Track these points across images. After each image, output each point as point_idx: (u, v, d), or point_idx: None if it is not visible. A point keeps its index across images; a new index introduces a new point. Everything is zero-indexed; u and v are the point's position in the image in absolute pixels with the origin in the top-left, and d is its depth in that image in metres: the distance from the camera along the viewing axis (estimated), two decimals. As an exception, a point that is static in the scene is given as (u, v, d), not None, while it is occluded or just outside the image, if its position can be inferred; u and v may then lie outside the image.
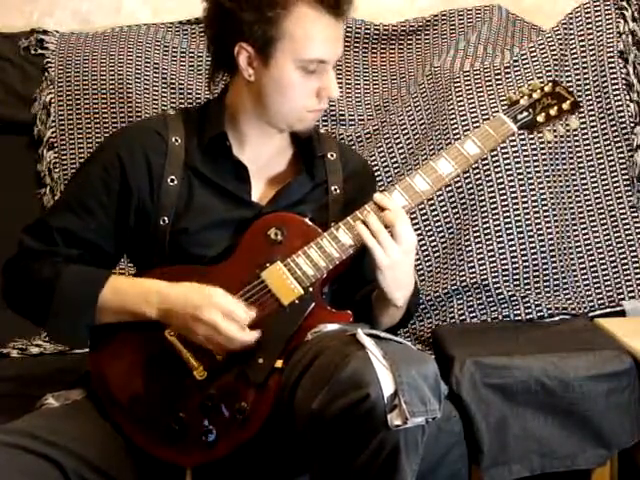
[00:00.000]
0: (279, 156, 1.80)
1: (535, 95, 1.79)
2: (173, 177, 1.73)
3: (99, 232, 1.72)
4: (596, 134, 2.41)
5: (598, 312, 2.34)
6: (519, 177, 2.35)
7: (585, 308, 2.35)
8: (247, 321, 1.59)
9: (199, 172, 1.74)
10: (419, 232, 2.36)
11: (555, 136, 1.82)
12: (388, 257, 1.62)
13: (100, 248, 1.73)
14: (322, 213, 1.75)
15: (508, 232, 2.33)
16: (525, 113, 1.77)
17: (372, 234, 1.62)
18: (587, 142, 2.41)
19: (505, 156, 2.35)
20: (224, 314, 1.58)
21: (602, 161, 2.41)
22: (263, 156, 1.78)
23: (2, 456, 1.50)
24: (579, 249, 2.39)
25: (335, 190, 1.79)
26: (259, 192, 1.77)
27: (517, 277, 2.33)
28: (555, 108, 1.78)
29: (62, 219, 1.72)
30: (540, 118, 1.77)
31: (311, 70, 1.66)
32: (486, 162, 2.34)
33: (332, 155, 1.83)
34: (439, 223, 2.38)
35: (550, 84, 1.80)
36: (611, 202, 2.39)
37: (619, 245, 2.37)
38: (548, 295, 2.33)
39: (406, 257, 1.64)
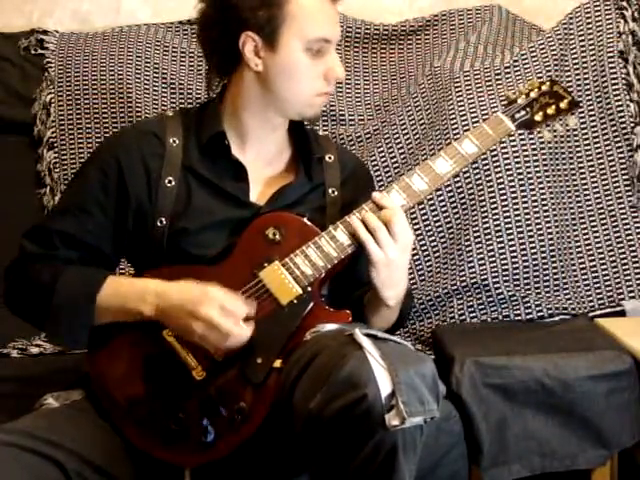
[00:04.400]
0: (278, 157, 1.81)
1: (533, 94, 1.79)
2: (171, 178, 1.73)
3: (97, 234, 1.72)
4: (596, 134, 2.41)
5: (598, 312, 2.33)
6: (519, 177, 2.34)
7: (585, 308, 2.34)
8: (244, 314, 1.59)
9: (197, 173, 1.74)
10: (419, 232, 2.36)
11: (555, 136, 1.82)
12: (383, 253, 1.62)
13: (99, 250, 1.73)
14: (319, 215, 1.75)
15: (508, 232, 2.33)
16: (523, 112, 1.77)
17: (369, 231, 1.62)
18: (587, 142, 2.41)
19: (505, 156, 2.35)
20: (221, 308, 1.57)
21: (602, 161, 2.40)
22: (263, 155, 1.78)
23: (2, 455, 1.51)
24: (579, 249, 2.38)
25: (333, 192, 1.80)
26: (257, 193, 1.77)
27: (517, 277, 2.32)
28: (553, 107, 1.78)
29: (60, 222, 1.72)
30: (538, 117, 1.77)
31: (316, 51, 1.69)
32: (486, 162, 2.33)
33: (330, 157, 1.83)
34: (439, 223, 2.38)
35: (548, 83, 1.80)
36: (611, 202, 2.38)
37: (619, 245, 2.37)
38: (548, 295, 2.33)
39: (402, 255, 1.64)
